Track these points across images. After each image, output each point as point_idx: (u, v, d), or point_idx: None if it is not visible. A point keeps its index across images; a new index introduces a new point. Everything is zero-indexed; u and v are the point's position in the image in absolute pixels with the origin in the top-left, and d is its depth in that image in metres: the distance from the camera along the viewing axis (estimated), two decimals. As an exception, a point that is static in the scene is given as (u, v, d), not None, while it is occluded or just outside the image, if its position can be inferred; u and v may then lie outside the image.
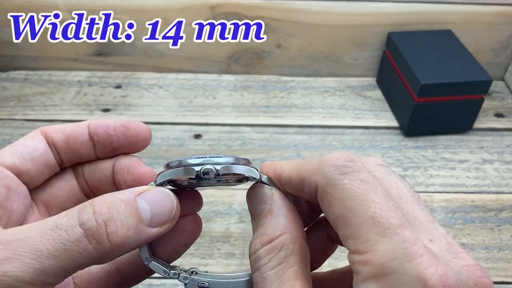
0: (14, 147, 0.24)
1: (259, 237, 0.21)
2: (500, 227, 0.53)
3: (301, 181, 0.21)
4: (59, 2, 0.68)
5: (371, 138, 0.64)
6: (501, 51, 0.73)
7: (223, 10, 0.69)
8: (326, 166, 0.19)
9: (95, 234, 0.18)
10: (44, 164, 0.24)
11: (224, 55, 0.74)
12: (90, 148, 0.25)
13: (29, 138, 0.24)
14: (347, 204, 0.18)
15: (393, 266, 0.16)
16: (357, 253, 0.17)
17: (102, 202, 0.19)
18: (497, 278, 0.48)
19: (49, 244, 0.18)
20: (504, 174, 0.60)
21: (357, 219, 0.17)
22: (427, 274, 0.16)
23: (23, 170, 0.24)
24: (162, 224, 0.21)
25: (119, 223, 0.19)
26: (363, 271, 0.17)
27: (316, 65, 0.75)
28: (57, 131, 0.25)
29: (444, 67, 0.62)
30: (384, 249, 0.17)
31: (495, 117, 0.69)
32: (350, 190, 0.18)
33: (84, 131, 0.25)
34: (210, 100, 0.70)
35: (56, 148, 0.25)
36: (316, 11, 0.69)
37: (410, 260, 0.16)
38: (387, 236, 0.17)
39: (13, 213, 0.23)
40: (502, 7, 0.69)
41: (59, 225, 0.18)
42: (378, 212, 0.17)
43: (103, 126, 0.25)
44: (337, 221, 0.18)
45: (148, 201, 0.20)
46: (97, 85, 0.72)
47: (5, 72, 0.74)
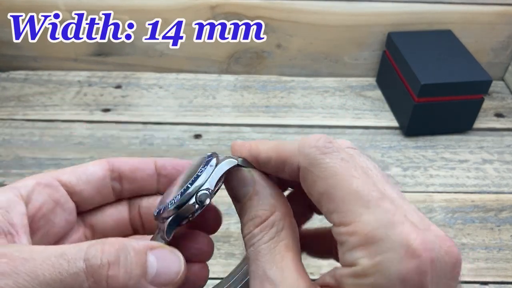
0: (76, 168, 0.26)
1: (252, 220, 0.22)
2: (500, 227, 0.53)
3: (282, 161, 0.21)
4: (59, 2, 0.68)
5: (371, 138, 0.64)
6: (501, 51, 0.73)
7: (223, 10, 0.69)
8: (308, 147, 0.20)
9: (95, 272, 0.18)
10: (98, 190, 0.26)
11: (224, 55, 0.74)
12: (154, 182, 0.27)
13: (91, 164, 0.26)
14: (330, 181, 0.19)
15: (378, 234, 0.17)
16: (343, 225, 0.18)
17: (112, 243, 0.19)
18: (497, 278, 0.48)
19: (46, 270, 0.18)
20: (504, 174, 0.60)
21: (341, 193, 0.19)
22: (410, 240, 0.17)
23: (77, 190, 0.25)
24: (163, 286, 0.20)
25: (123, 269, 0.19)
26: (350, 241, 0.18)
27: (316, 65, 0.75)
28: (124, 161, 0.27)
29: (444, 67, 0.62)
30: (369, 219, 0.18)
31: (495, 117, 0.69)
32: (332, 168, 0.19)
33: (151, 165, 0.27)
34: (210, 100, 0.70)
35: (121, 176, 0.26)
36: (316, 11, 0.69)
37: (394, 228, 0.17)
38: (370, 207, 0.18)
39: (54, 226, 0.24)
40: (502, 7, 0.69)
41: (64, 254, 0.18)
42: (360, 186, 0.19)
43: (172, 163, 0.27)
44: (321, 198, 0.20)
45: (157, 258, 0.20)
46: (97, 85, 0.72)
47: (5, 72, 0.74)
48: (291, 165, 0.21)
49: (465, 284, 0.48)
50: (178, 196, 0.22)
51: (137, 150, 0.61)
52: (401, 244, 0.17)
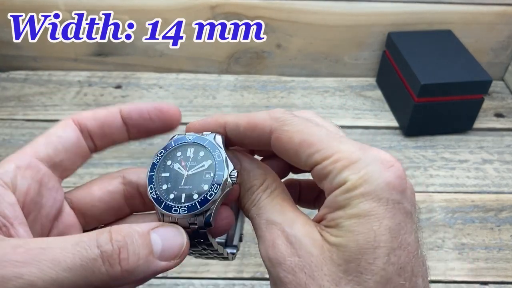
0: (48, 138, 0.25)
1: (249, 190, 0.25)
2: (500, 227, 0.53)
3: (252, 127, 0.24)
4: (59, 2, 0.68)
5: (371, 138, 0.64)
6: (501, 51, 0.73)
7: (223, 10, 0.69)
8: (279, 113, 0.24)
9: (110, 257, 0.20)
10: (77, 153, 0.25)
11: (224, 55, 0.74)
12: (124, 133, 0.27)
13: (60, 128, 0.25)
14: (305, 131, 0.23)
15: (357, 155, 0.21)
16: (326, 158, 0.22)
17: (118, 230, 0.21)
18: (497, 278, 0.48)
19: (67, 257, 0.19)
20: (504, 174, 0.60)
21: (317, 137, 0.22)
22: (381, 156, 0.22)
23: (57, 162, 0.25)
24: (171, 259, 0.22)
25: (131, 251, 0.20)
26: (336, 167, 0.21)
27: (316, 65, 0.75)
28: (89, 118, 0.26)
29: (444, 67, 0.62)
30: (346, 147, 0.22)
31: (495, 117, 0.69)
32: (304, 123, 0.23)
33: (117, 117, 0.26)
34: (210, 100, 0.70)
35: (91, 135, 0.26)
36: (316, 11, 0.69)
37: (367, 151, 0.22)
38: (343, 141, 0.22)
39: (43, 207, 0.24)
40: (502, 7, 0.69)
41: (80, 242, 0.20)
42: (330, 130, 0.24)
43: (137, 110, 0.26)
44: (299, 147, 0.23)
45: (160, 236, 0.22)
46: (97, 85, 0.72)
47: (5, 72, 0.74)
48: (263, 129, 0.24)
49: (465, 284, 0.48)
50: (214, 184, 0.23)
51: (137, 149, 0.61)
52: (377, 159, 0.21)
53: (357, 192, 0.21)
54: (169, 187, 0.24)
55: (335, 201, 0.21)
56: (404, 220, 0.21)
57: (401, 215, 0.21)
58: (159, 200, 0.24)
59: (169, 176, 0.24)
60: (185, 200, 0.23)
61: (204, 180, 0.24)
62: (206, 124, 0.26)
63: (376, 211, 0.20)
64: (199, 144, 0.25)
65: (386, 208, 0.20)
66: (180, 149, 0.25)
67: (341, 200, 0.21)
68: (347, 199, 0.21)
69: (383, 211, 0.20)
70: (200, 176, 0.24)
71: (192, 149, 0.25)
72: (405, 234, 0.20)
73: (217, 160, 0.24)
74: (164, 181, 0.24)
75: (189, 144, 0.25)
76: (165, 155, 0.25)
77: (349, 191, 0.21)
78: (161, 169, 0.25)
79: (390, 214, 0.20)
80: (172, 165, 0.25)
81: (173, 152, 0.25)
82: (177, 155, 0.25)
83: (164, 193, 0.24)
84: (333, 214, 0.21)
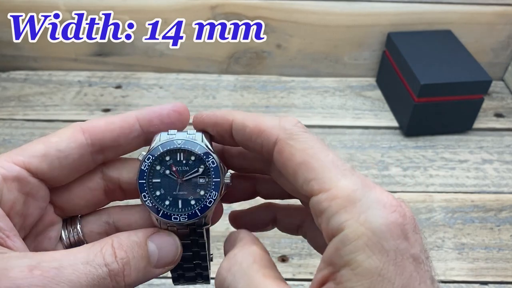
0: (47, 149, 0.23)
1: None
2: (500, 227, 0.53)
3: (258, 131, 0.23)
4: (59, 2, 0.68)
5: (371, 138, 0.64)
6: (501, 51, 0.73)
7: (223, 10, 0.69)
8: (289, 124, 0.23)
9: (116, 275, 0.21)
10: (75, 170, 0.24)
11: (224, 55, 0.74)
12: (141, 142, 0.25)
13: (65, 140, 0.23)
14: (309, 151, 0.21)
15: (358, 195, 0.20)
16: (323, 191, 0.20)
17: (120, 245, 0.21)
18: (497, 278, 0.48)
19: (82, 278, 0.20)
20: (504, 174, 0.60)
21: (320, 162, 0.21)
22: (384, 198, 0.20)
23: (50, 177, 0.23)
24: (166, 266, 0.23)
25: (133, 267, 0.21)
26: (332, 206, 0.20)
27: (316, 65, 0.75)
28: (103, 130, 0.24)
29: (444, 67, 0.62)
30: (347, 183, 0.20)
31: (495, 117, 0.69)
32: (311, 142, 0.22)
33: (134, 125, 0.25)
34: (210, 100, 0.70)
35: (103, 148, 0.24)
36: (316, 11, 0.69)
37: (369, 189, 0.20)
38: (346, 175, 0.20)
39: (28, 217, 0.23)
40: (502, 7, 0.69)
41: (90, 261, 0.20)
42: (335, 158, 0.21)
43: (157, 115, 0.25)
44: (298, 168, 0.21)
45: (157, 245, 0.23)
46: (97, 85, 0.72)
47: (5, 72, 0.74)
48: (269, 136, 0.23)
49: (465, 284, 0.48)
50: (212, 191, 0.24)
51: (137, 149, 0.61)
52: (377, 201, 0.19)
53: (361, 243, 0.19)
54: (163, 193, 0.24)
55: (338, 255, 0.19)
56: (415, 269, 0.19)
57: (411, 265, 0.19)
58: (155, 208, 0.23)
59: (161, 182, 0.24)
60: (183, 206, 0.24)
61: (199, 185, 0.24)
62: (214, 118, 0.25)
63: (386, 270, 0.18)
64: (189, 150, 0.24)
65: (395, 262, 0.19)
66: (168, 154, 0.24)
67: (344, 255, 0.19)
68: (351, 253, 0.19)
69: (393, 268, 0.18)
70: (195, 182, 0.24)
71: (182, 154, 0.24)
72: (419, 284, 0.19)
73: (212, 167, 0.24)
74: (156, 187, 0.24)
75: (178, 150, 0.24)
76: (153, 160, 0.24)
77: (351, 241, 0.19)
78: (151, 175, 0.24)
79: (400, 270, 0.19)
80: (162, 171, 0.24)
81: (161, 157, 0.24)
82: (166, 160, 0.24)
83: (158, 199, 0.24)
84: (340, 275, 0.19)
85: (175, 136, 0.24)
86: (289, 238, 0.51)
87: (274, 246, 0.50)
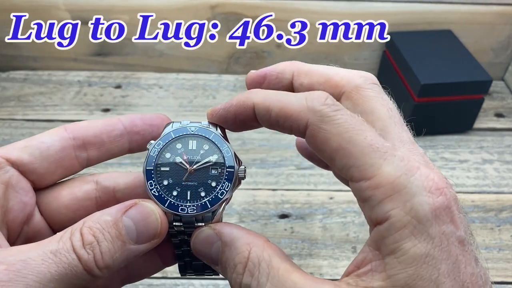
0: (28, 142, 0.23)
1: (235, 270, 0.21)
2: (500, 227, 0.53)
3: (285, 116, 0.21)
4: (59, 2, 0.68)
5: (371, 138, 0.64)
6: (501, 51, 0.73)
7: (223, 10, 0.69)
8: (318, 104, 0.20)
9: (86, 261, 0.19)
10: (57, 163, 0.23)
11: (224, 55, 0.74)
12: (125, 142, 0.25)
13: (47, 134, 0.23)
14: (344, 136, 0.19)
15: (402, 182, 0.18)
16: (364, 179, 0.19)
17: (88, 228, 0.20)
18: (497, 278, 0.48)
19: (51, 267, 0.19)
20: (504, 174, 0.60)
21: (358, 148, 0.19)
22: (429, 182, 0.19)
23: (31, 169, 0.23)
24: (150, 240, 0.21)
25: (104, 249, 0.20)
26: (376, 195, 0.19)
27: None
28: (85, 126, 0.24)
29: (444, 67, 0.62)
30: (389, 170, 0.19)
31: (495, 117, 0.69)
32: (345, 124, 0.20)
33: (117, 124, 0.24)
34: (210, 100, 0.70)
35: (85, 143, 0.24)
36: (317, 11, 0.69)
37: (413, 173, 0.19)
38: (388, 158, 0.19)
39: (9, 211, 0.22)
40: (502, 7, 0.69)
41: (60, 249, 0.19)
42: (374, 139, 0.19)
43: (138, 117, 0.25)
44: (335, 154, 0.20)
45: (132, 219, 0.21)
46: (97, 85, 0.72)
47: (5, 72, 0.74)
48: (298, 121, 0.21)
49: (465, 284, 0.48)
50: (225, 182, 0.22)
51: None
52: (422, 187, 0.18)
53: (406, 232, 0.18)
54: (171, 183, 0.22)
55: (383, 244, 0.19)
56: (461, 252, 0.19)
57: (457, 249, 0.18)
58: (161, 197, 0.22)
59: (169, 171, 0.22)
60: (191, 197, 0.22)
61: (210, 176, 0.22)
62: (230, 108, 0.23)
63: (432, 256, 0.18)
64: (203, 137, 0.23)
65: (441, 248, 0.18)
66: (180, 141, 0.23)
67: (389, 244, 0.18)
68: (396, 242, 0.18)
69: (439, 254, 0.18)
70: (206, 172, 0.22)
71: (194, 142, 0.23)
72: (465, 267, 0.18)
73: (226, 156, 0.23)
74: (164, 176, 0.22)
75: (191, 136, 0.23)
76: (163, 147, 0.23)
77: (396, 230, 0.18)
78: (160, 162, 0.23)
79: (446, 255, 0.18)
80: (172, 159, 0.23)
81: (172, 144, 0.23)
82: (177, 148, 0.23)
83: (166, 189, 0.22)
84: (384, 263, 0.19)
85: (189, 124, 0.23)
86: (289, 238, 0.51)
87: (274, 246, 0.50)
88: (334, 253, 0.50)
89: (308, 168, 0.59)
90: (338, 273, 0.48)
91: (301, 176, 0.58)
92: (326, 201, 0.55)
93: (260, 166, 0.59)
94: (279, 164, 0.60)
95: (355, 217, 0.54)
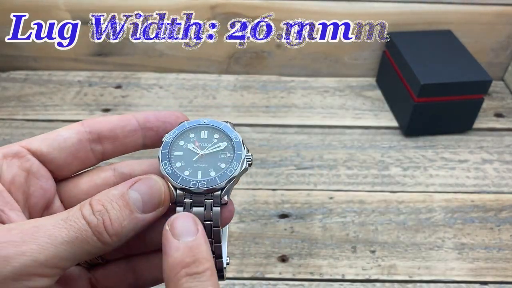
0: (47, 135, 0.25)
1: None
2: (500, 227, 0.53)
3: None
4: (59, 2, 0.68)
5: (371, 138, 0.64)
6: (501, 51, 0.73)
7: (223, 10, 0.69)
8: None
9: (96, 227, 0.21)
10: (74, 155, 0.25)
11: (224, 55, 0.74)
12: (139, 137, 0.26)
13: (64, 128, 0.25)
14: None
15: None
16: None
17: (97, 200, 0.22)
18: (497, 278, 0.48)
19: (62, 232, 0.20)
20: (504, 174, 0.60)
21: None
22: None
23: (49, 159, 0.24)
24: (155, 209, 0.23)
25: (113, 217, 0.21)
26: None
27: (316, 65, 0.75)
28: (101, 122, 0.26)
29: (444, 67, 0.62)
30: None
31: (495, 117, 0.69)
32: None
33: (131, 120, 0.26)
34: (210, 100, 0.70)
35: (101, 137, 0.25)
36: (317, 11, 0.69)
37: None
38: None
39: (31, 196, 0.24)
40: (502, 7, 0.69)
41: (70, 217, 0.21)
42: None
43: (152, 113, 0.26)
44: None
45: (138, 190, 0.22)
46: (97, 85, 0.72)
47: (5, 72, 0.74)
48: None
49: (465, 284, 0.48)
50: (234, 162, 0.24)
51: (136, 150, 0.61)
52: None
53: None
54: (183, 165, 0.24)
55: None
56: None
57: None
58: (174, 174, 0.24)
59: (182, 155, 0.25)
60: (202, 176, 0.24)
61: (220, 159, 0.25)
62: None
63: None
64: (214, 127, 0.26)
65: None
66: (193, 131, 0.26)
67: None
68: None
69: None
70: (216, 156, 0.25)
71: (206, 132, 0.26)
72: None
73: (235, 142, 0.25)
74: (177, 159, 0.25)
75: (204, 127, 0.26)
76: (177, 135, 0.25)
77: None
78: (174, 148, 0.25)
79: None
80: (185, 145, 0.25)
81: (185, 133, 0.26)
82: (190, 136, 0.25)
83: (178, 170, 0.24)
84: None
85: (202, 119, 0.26)
86: (289, 238, 0.51)
87: (274, 246, 0.50)
88: (334, 253, 0.50)
89: (308, 168, 0.59)
90: (338, 273, 0.48)
91: (301, 176, 0.58)
92: (326, 201, 0.55)
93: (260, 166, 0.59)
94: (279, 164, 0.60)
95: (355, 217, 0.54)
